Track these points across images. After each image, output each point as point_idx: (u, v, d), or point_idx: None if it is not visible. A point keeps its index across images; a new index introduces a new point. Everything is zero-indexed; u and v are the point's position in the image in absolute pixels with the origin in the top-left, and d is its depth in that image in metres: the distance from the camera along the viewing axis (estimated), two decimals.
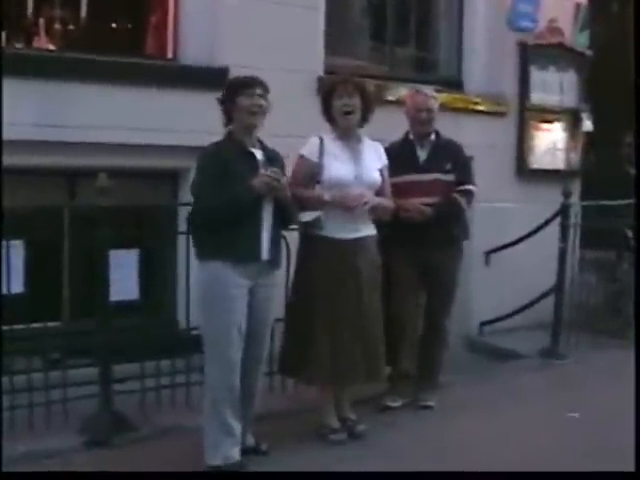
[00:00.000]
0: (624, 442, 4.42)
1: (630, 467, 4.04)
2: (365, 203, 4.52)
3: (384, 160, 4.81)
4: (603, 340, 6.93)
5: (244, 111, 4.18)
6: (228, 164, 4.12)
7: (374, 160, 4.75)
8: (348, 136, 4.69)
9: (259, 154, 4.25)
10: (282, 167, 4.33)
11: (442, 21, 7.66)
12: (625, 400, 5.37)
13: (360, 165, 4.64)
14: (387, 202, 4.80)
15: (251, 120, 4.20)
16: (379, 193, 4.73)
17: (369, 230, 4.71)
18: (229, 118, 4.26)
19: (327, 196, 4.52)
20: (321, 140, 4.65)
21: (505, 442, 4.76)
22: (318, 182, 4.57)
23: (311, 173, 4.60)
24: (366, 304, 4.63)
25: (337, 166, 4.58)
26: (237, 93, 4.20)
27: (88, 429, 4.55)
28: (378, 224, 4.77)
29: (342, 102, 4.61)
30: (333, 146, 4.65)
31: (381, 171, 4.77)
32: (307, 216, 4.52)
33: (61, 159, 5.36)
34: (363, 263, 4.62)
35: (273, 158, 4.31)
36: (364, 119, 4.71)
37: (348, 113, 4.62)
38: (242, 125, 4.22)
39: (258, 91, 4.19)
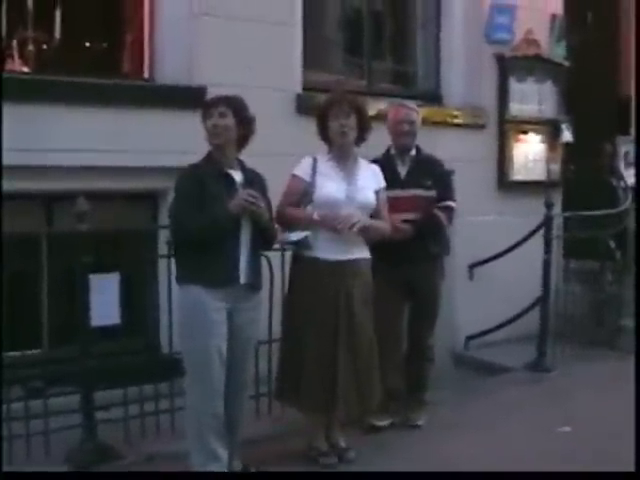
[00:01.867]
0: (618, 455, 4.38)
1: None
2: (353, 225, 4.42)
3: (381, 182, 4.74)
4: (589, 351, 6.90)
5: (208, 132, 4.16)
6: (205, 186, 4.06)
7: (369, 181, 4.66)
8: (344, 156, 4.62)
9: (238, 175, 4.19)
10: (263, 188, 4.28)
11: (419, 34, 7.63)
12: (615, 411, 5.36)
13: (353, 185, 4.56)
14: (381, 224, 4.69)
15: (212, 140, 4.16)
16: (375, 215, 4.65)
17: (362, 253, 4.61)
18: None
19: (316, 215, 4.45)
20: (314, 160, 4.59)
21: (497, 462, 4.67)
22: (310, 202, 4.51)
23: (303, 192, 4.54)
24: (358, 328, 4.53)
25: (329, 185, 4.52)
26: (204, 115, 4.19)
27: (72, 459, 4.46)
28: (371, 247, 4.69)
29: (339, 123, 4.54)
30: (327, 166, 4.58)
31: (377, 193, 4.69)
32: (295, 236, 4.47)
33: (37, 184, 5.25)
34: (355, 285, 4.53)
35: (253, 179, 4.25)
36: (361, 138, 4.65)
37: (344, 133, 4.55)
38: (210, 145, 4.19)
39: (220, 110, 4.14)
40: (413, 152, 5.24)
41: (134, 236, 5.40)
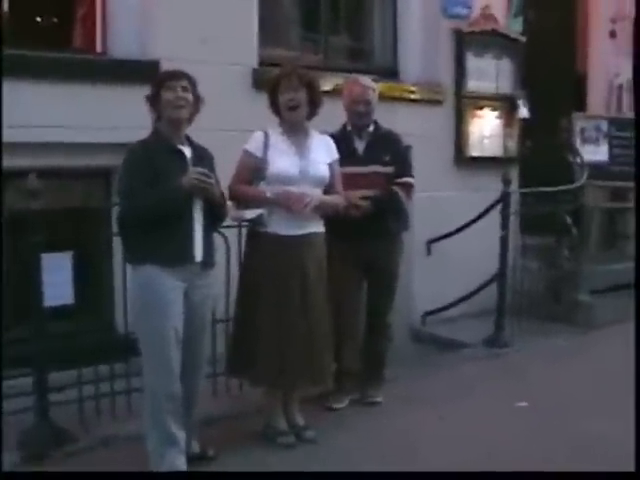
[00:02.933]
0: (576, 428, 4.39)
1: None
2: (307, 204, 4.38)
3: (334, 154, 4.69)
4: (546, 326, 6.95)
5: (169, 106, 4.02)
6: (155, 162, 3.95)
7: (322, 154, 4.61)
8: (295, 130, 4.56)
9: (187, 151, 4.10)
10: (211, 164, 4.19)
11: (376, 9, 7.55)
12: (572, 386, 5.40)
13: (306, 159, 4.50)
14: (335, 198, 4.65)
15: (176, 114, 4.03)
16: (328, 188, 4.61)
17: (316, 227, 4.57)
18: (157, 114, 4.10)
19: (269, 194, 4.39)
20: (266, 134, 4.52)
21: (456, 438, 4.70)
22: (262, 178, 4.44)
23: (255, 169, 4.47)
24: (312, 303, 4.50)
25: (282, 161, 4.45)
26: (161, 87, 4.04)
27: (25, 443, 4.37)
28: (326, 220, 4.64)
29: (287, 97, 4.48)
30: (279, 140, 4.52)
31: (331, 165, 4.64)
32: (250, 214, 4.42)
33: None
34: (309, 260, 4.50)
35: (202, 155, 4.15)
36: (312, 113, 4.58)
37: (293, 108, 4.49)
38: (168, 121, 4.06)
39: (182, 83, 4.03)
40: (371, 128, 5.18)
41: (88, 214, 5.30)
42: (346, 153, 4.98)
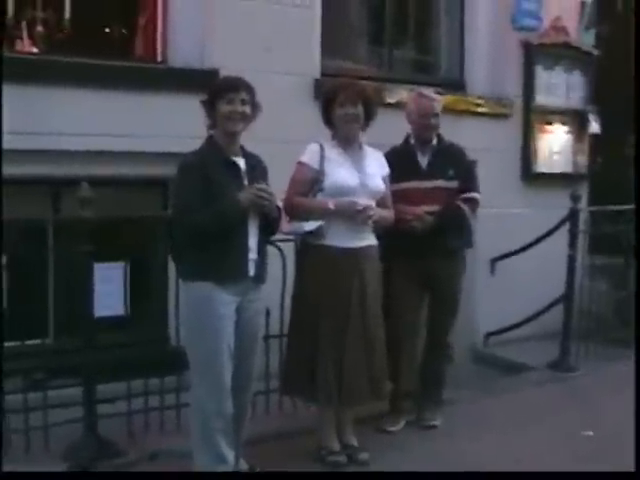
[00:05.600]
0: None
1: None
2: (370, 216, 4.32)
3: (385, 169, 4.61)
4: (613, 350, 6.66)
5: (226, 118, 3.91)
6: (210, 175, 3.83)
7: (376, 168, 4.53)
8: (350, 143, 4.48)
9: (242, 163, 3.98)
10: (264, 174, 4.08)
11: (443, 21, 7.43)
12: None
13: (363, 172, 4.43)
14: (387, 213, 4.59)
15: (230, 127, 3.92)
16: (381, 202, 4.52)
17: (371, 239, 4.49)
18: (212, 122, 3.99)
19: (331, 204, 4.29)
20: (321, 147, 4.43)
21: (516, 467, 4.47)
22: (320, 190, 4.35)
23: (312, 181, 4.39)
24: (370, 317, 4.42)
25: (340, 173, 4.37)
26: (218, 97, 3.93)
27: (71, 455, 4.29)
28: (377, 235, 4.54)
29: (344, 111, 4.40)
30: (334, 153, 4.43)
31: (383, 179, 4.54)
32: (309, 225, 4.33)
33: (45, 168, 5.13)
34: (368, 273, 4.42)
35: (255, 165, 4.04)
36: (366, 125, 4.50)
37: (350, 122, 4.40)
38: (223, 132, 3.96)
39: (241, 96, 3.92)
40: (434, 141, 5.02)
41: (143, 224, 5.23)
42: (409, 167, 4.88)
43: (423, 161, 4.99)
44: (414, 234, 4.76)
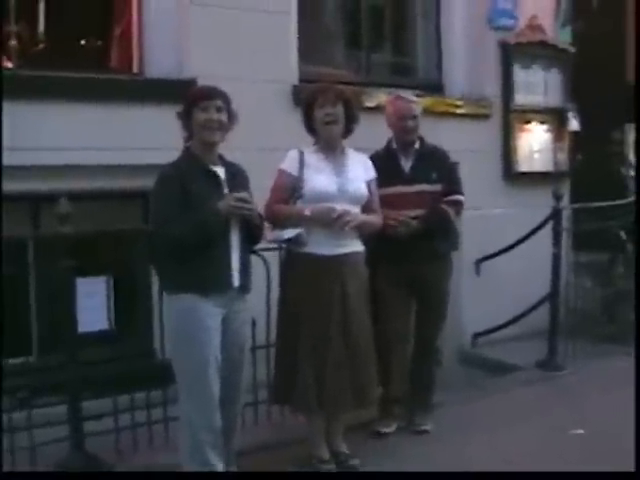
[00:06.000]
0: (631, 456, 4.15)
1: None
2: (348, 222, 4.23)
3: (371, 173, 4.55)
4: (601, 347, 6.66)
5: (202, 128, 3.86)
6: (188, 186, 3.78)
7: (359, 172, 4.47)
8: (331, 148, 4.43)
9: (221, 172, 3.93)
10: (245, 182, 4.03)
11: (420, 23, 7.41)
12: (629, 412, 5.11)
13: (344, 178, 4.37)
14: (374, 218, 4.52)
15: (207, 137, 3.86)
16: (366, 207, 4.46)
17: (355, 246, 4.42)
18: (189, 134, 3.95)
19: (307, 211, 4.24)
20: (301, 153, 4.39)
21: (507, 467, 4.44)
22: (300, 197, 4.31)
23: (291, 188, 4.34)
24: (355, 324, 4.35)
25: (319, 179, 4.32)
26: (193, 105, 3.88)
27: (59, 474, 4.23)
28: (364, 240, 4.49)
29: (324, 112, 4.35)
30: (314, 159, 4.38)
31: (368, 184, 4.49)
32: (288, 233, 4.27)
33: (24, 184, 5.04)
34: (350, 280, 4.34)
35: (235, 173, 3.99)
36: (348, 130, 4.45)
37: (330, 123, 4.35)
38: (200, 141, 3.91)
39: (216, 104, 3.86)
40: (417, 145, 4.99)
41: (124, 237, 5.18)
42: (392, 172, 4.84)
43: (406, 165, 4.95)
44: (400, 239, 4.74)
